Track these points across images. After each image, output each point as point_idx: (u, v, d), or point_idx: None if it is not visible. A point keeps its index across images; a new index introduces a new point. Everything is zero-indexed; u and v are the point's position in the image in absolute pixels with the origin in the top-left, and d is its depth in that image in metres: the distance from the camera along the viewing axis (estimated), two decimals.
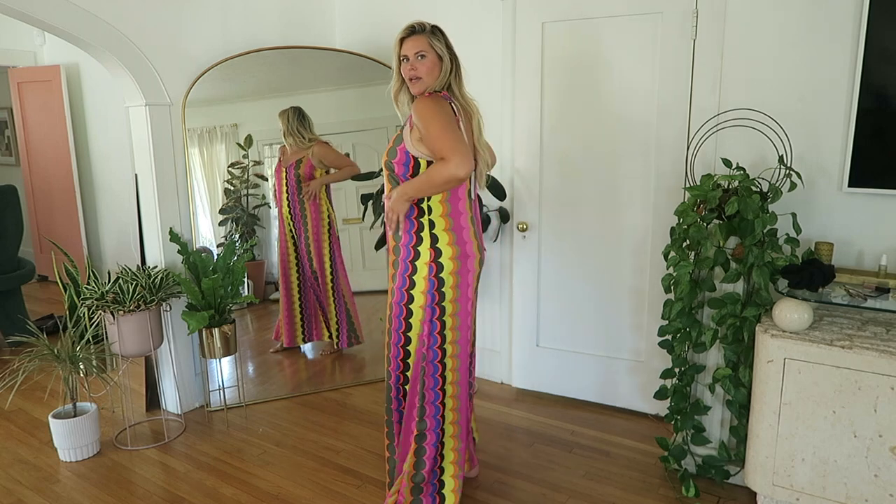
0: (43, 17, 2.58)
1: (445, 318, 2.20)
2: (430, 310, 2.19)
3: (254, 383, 3.47)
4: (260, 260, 3.53)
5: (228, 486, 2.59)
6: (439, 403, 2.23)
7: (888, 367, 1.98)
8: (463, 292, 2.20)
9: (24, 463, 2.80)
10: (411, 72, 2.11)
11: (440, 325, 2.20)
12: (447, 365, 2.23)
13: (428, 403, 2.22)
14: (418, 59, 2.10)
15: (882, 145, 2.38)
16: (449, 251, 2.16)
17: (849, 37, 2.40)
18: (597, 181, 3.04)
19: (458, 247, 2.17)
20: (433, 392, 2.22)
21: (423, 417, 2.22)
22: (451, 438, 2.26)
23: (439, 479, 2.26)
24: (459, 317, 2.22)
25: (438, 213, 2.15)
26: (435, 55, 2.11)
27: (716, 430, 2.53)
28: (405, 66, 2.13)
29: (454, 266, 2.17)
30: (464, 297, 2.21)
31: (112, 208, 5.22)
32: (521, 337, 3.37)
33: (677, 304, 2.43)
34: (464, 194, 2.19)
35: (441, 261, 2.16)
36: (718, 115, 2.62)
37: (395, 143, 2.16)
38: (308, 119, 3.44)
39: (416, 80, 2.12)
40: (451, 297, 2.18)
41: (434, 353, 2.21)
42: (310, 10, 3.66)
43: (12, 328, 4.04)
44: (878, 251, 2.43)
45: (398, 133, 2.18)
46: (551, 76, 3.06)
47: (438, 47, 2.12)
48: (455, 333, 2.22)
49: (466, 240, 2.19)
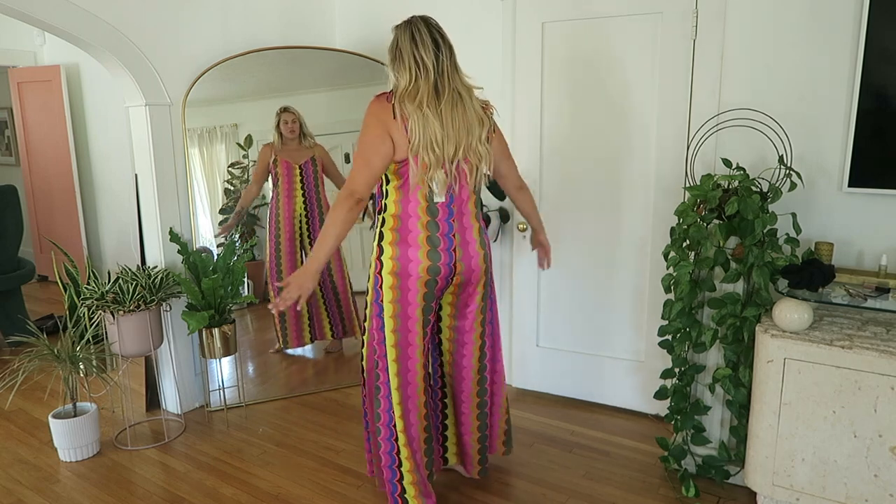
0: (43, 17, 2.58)
1: (385, 320, 2.17)
2: (376, 306, 2.19)
3: (254, 383, 3.47)
4: (260, 260, 3.53)
5: (228, 486, 2.59)
6: (382, 398, 2.22)
7: (888, 367, 1.98)
8: (402, 308, 2.15)
9: (24, 463, 2.80)
10: None
11: (380, 323, 2.18)
12: (390, 368, 2.19)
13: (382, 397, 2.21)
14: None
15: (882, 145, 2.38)
16: (389, 264, 2.13)
17: (849, 37, 2.40)
18: (597, 181, 3.04)
19: (398, 261, 2.12)
20: (382, 387, 2.21)
21: (375, 410, 2.23)
22: (401, 437, 2.23)
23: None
24: (400, 332, 2.17)
25: (389, 211, 2.15)
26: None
27: (716, 430, 2.53)
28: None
29: (392, 280, 2.13)
30: (403, 313, 2.16)
31: (112, 208, 5.22)
32: (521, 337, 3.37)
33: (677, 304, 2.43)
34: (415, 196, 2.12)
35: (383, 260, 2.14)
36: (718, 115, 2.62)
37: None
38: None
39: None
40: (390, 303, 2.16)
41: (381, 350, 2.20)
42: (310, 10, 3.66)
43: (12, 328, 4.04)
44: (878, 251, 2.43)
45: None
46: (551, 76, 3.06)
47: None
48: (395, 336, 2.17)
49: (411, 256, 2.12)
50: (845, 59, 2.42)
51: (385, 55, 2.22)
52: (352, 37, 3.74)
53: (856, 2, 2.36)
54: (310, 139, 3.44)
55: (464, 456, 2.53)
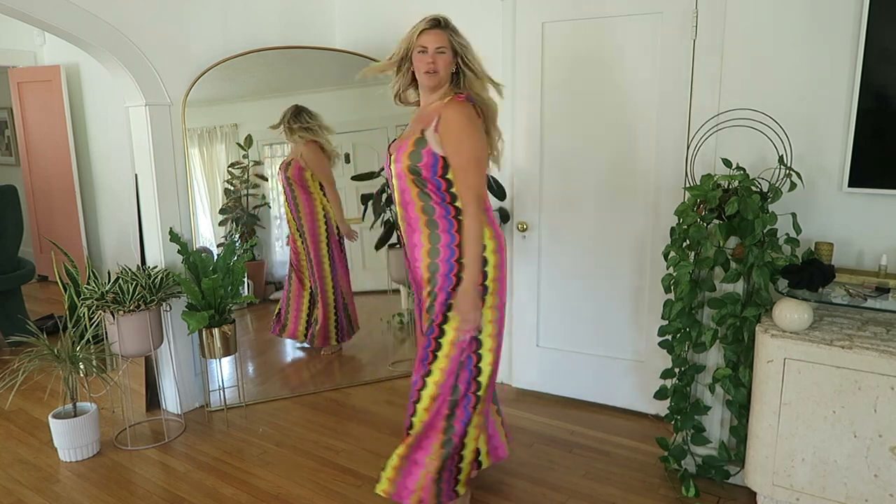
0: (43, 17, 2.58)
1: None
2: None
3: (254, 383, 3.47)
4: (260, 260, 3.53)
5: (228, 486, 2.59)
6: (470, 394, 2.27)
7: (888, 367, 1.98)
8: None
9: (24, 463, 2.80)
10: (430, 65, 2.07)
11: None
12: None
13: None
14: (438, 54, 2.07)
15: (882, 145, 2.37)
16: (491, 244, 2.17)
17: (849, 37, 2.40)
18: (597, 181, 3.04)
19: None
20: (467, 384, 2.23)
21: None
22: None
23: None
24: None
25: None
26: (451, 53, 2.10)
27: (716, 430, 2.53)
28: (422, 56, 2.09)
29: (495, 259, 2.17)
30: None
31: (112, 208, 5.22)
32: (521, 337, 3.37)
33: (677, 304, 2.43)
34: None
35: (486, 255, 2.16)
36: (718, 115, 2.62)
37: (417, 146, 2.08)
38: (305, 116, 3.38)
39: (433, 73, 2.08)
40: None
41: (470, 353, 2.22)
42: (310, 10, 3.66)
43: (12, 328, 4.04)
44: (878, 251, 2.42)
45: (415, 135, 2.10)
46: (551, 76, 3.06)
47: (458, 44, 2.10)
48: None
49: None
50: (845, 59, 2.42)
51: (385, 55, 2.22)
52: (352, 37, 3.74)
53: (856, 2, 2.36)
54: (291, 137, 3.44)
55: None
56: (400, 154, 2.12)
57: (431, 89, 2.14)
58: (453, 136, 2.04)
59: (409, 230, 2.18)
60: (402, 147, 2.12)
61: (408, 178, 2.12)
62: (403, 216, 2.19)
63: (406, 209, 2.17)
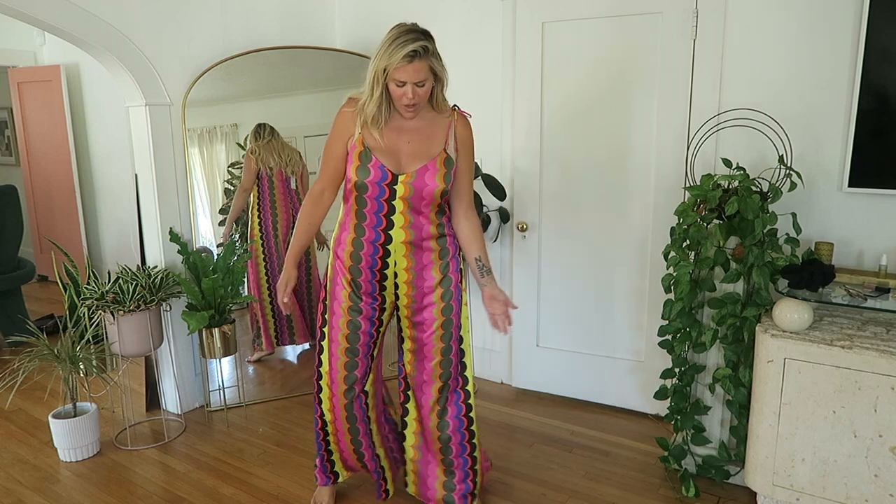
0: (43, 17, 2.58)
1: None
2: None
3: (254, 383, 3.47)
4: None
5: (228, 486, 2.59)
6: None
7: (888, 367, 1.98)
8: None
9: (24, 463, 2.80)
10: (411, 100, 1.92)
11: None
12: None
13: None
14: (418, 87, 1.91)
15: (882, 145, 2.38)
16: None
17: (849, 37, 2.40)
18: (597, 181, 3.04)
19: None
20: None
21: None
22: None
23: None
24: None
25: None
26: (432, 78, 1.94)
27: (716, 430, 2.53)
28: (399, 90, 1.91)
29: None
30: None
31: (112, 208, 5.22)
32: (521, 337, 3.37)
33: (677, 304, 2.43)
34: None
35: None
36: (718, 115, 2.62)
37: (447, 166, 2.02)
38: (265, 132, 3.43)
39: (412, 107, 1.96)
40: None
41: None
42: (310, 10, 3.66)
43: (12, 328, 4.04)
44: (878, 251, 2.43)
45: (440, 156, 2.01)
46: (551, 76, 3.06)
47: (437, 67, 1.92)
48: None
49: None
50: (845, 59, 2.42)
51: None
52: (352, 37, 3.74)
53: (856, 2, 2.36)
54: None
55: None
56: (427, 177, 1.99)
57: (411, 117, 2.03)
58: (469, 152, 2.13)
59: (417, 252, 2.08)
60: (429, 169, 2.00)
61: (434, 201, 2.04)
62: (411, 239, 2.06)
63: (419, 231, 2.06)
